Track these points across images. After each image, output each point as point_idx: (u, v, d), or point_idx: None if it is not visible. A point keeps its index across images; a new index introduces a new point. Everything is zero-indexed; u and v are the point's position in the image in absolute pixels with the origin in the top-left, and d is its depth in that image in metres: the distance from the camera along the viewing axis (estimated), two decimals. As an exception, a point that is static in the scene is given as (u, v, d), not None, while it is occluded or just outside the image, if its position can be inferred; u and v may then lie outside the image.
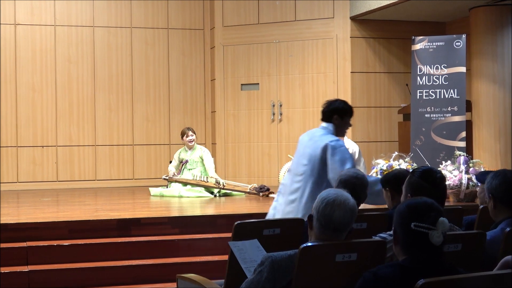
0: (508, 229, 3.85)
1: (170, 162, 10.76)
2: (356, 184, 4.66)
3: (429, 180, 4.00)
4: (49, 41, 11.81)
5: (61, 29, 11.85)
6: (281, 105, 11.58)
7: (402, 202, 3.22)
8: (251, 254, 4.05)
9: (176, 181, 10.14)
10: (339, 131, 5.83)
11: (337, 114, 5.76)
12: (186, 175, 10.27)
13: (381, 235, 4.01)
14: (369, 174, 9.49)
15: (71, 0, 11.89)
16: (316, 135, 5.82)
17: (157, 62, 12.29)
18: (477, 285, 2.76)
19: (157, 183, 11.06)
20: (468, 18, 10.26)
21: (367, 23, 11.27)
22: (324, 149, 5.62)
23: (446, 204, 4.64)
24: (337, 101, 5.92)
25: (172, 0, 12.34)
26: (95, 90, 11.99)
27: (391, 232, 3.20)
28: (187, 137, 10.33)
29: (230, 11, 11.95)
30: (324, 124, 5.78)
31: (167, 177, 10.35)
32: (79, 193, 10.73)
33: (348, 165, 5.53)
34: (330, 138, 5.65)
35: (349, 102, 11.04)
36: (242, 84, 11.90)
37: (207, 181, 10.03)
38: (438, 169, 5.60)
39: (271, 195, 9.72)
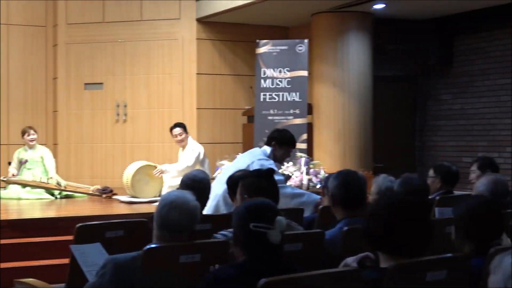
0: (345, 228, 3.99)
1: (9, 163, 10.34)
2: (191, 186, 4.69)
3: (261, 176, 4.13)
4: None
5: None
6: (125, 106, 11.43)
7: (240, 204, 3.27)
8: (93, 258, 3.98)
9: (14, 183, 9.75)
10: (276, 158, 6.41)
11: (275, 141, 6.37)
12: (25, 175, 9.92)
13: (222, 232, 4.06)
14: (213, 175, 9.58)
15: None
16: (252, 152, 6.54)
17: (-4, 59, 11.77)
18: (317, 283, 2.84)
19: (-6, 185, 10.60)
20: (310, 24, 10.57)
21: (213, 25, 11.35)
22: (250, 165, 6.15)
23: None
24: (282, 131, 6.60)
25: (12, -6, 11.87)
26: None
27: (232, 230, 3.24)
28: (28, 135, 10.01)
29: (74, 9, 11.65)
30: (265, 146, 6.42)
31: (5, 179, 9.95)
32: None
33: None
34: (259, 157, 6.25)
35: (194, 103, 11.19)
36: (85, 84, 11.64)
37: (48, 183, 9.73)
38: (280, 170, 5.80)
39: (114, 197, 9.57)
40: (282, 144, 6.40)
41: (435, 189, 6.04)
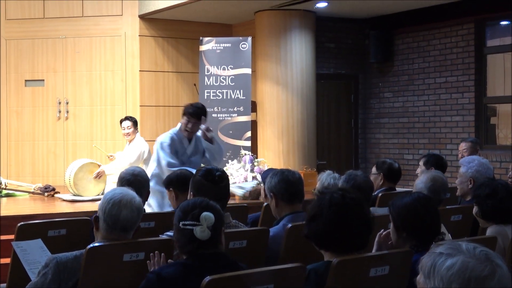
0: (289, 225, 4.02)
1: None
2: (132, 181, 4.69)
3: (209, 178, 4.12)
4: None
5: None
6: (67, 103, 11.28)
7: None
8: (35, 255, 3.93)
9: (-47, 181, 9.55)
10: (180, 128, 6.73)
11: (183, 113, 6.73)
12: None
13: (168, 233, 4.05)
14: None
15: None
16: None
17: None
18: (260, 279, 2.86)
19: None
20: (253, 21, 10.59)
21: (156, 22, 11.28)
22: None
23: (232, 202, 4.77)
24: (191, 103, 6.90)
25: (-50, -11, 11.60)
26: None
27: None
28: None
29: (13, 4, 11.43)
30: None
31: None
32: None
33: (159, 161, 6.64)
34: (166, 133, 6.72)
35: (137, 100, 11.10)
36: (26, 80, 11.44)
37: (-12, 181, 9.55)
38: (224, 168, 5.80)
39: (56, 195, 9.44)
40: (183, 114, 6.73)
41: (377, 185, 6.13)
